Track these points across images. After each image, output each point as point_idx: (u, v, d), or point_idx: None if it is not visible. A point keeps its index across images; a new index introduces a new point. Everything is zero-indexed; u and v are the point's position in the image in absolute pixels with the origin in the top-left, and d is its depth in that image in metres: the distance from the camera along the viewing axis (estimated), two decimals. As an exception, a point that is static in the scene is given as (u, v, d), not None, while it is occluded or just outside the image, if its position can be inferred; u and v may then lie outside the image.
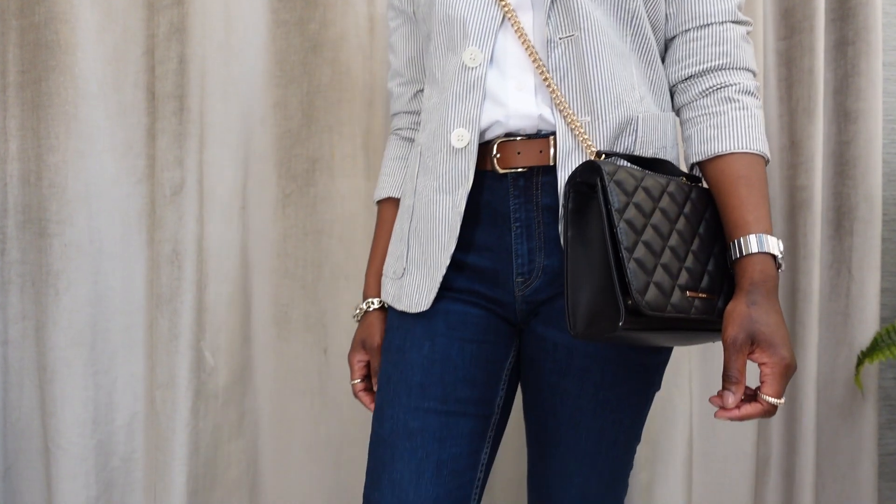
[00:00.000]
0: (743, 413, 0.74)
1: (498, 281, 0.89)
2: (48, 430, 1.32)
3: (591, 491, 0.94)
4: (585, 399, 0.89)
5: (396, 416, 0.88)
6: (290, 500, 1.43)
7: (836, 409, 1.59)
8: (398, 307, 0.92)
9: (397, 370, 0.90)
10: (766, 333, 0.74)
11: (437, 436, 0.87)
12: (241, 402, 1.40)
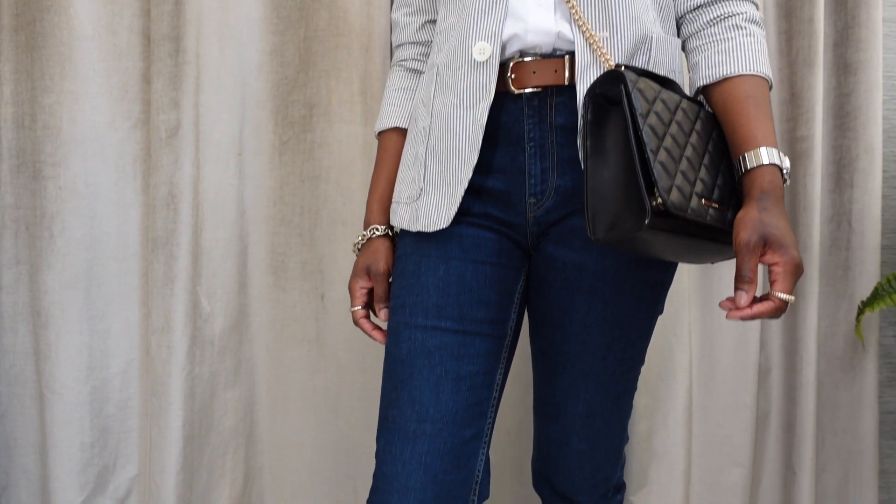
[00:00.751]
0: (755, 311, 0.76)
1: (510, 202, 0.89)
2: (42, 374, 1.30)
3: (597, 409, 0.94)
4: (594, 315, 0.90)
5: (413, 336, 0.88)
6: (287, 450, 1.42)
7: (837, 362, 1.59)
8: (414, 228, 0.91)
9: (412, 293, 0.90)
10: (777, 235, 0.76)
11: (455, 354, 0.87)
12: (238, 351, 1.39)
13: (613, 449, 1.00)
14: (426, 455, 0.86)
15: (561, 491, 1.01)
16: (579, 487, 0.99)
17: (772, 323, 1.56)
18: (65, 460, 1.30)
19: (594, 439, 0.96)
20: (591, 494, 1.00)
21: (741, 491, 1.51)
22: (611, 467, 1.00)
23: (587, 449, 0.97)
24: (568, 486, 1.00)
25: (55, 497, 1.30)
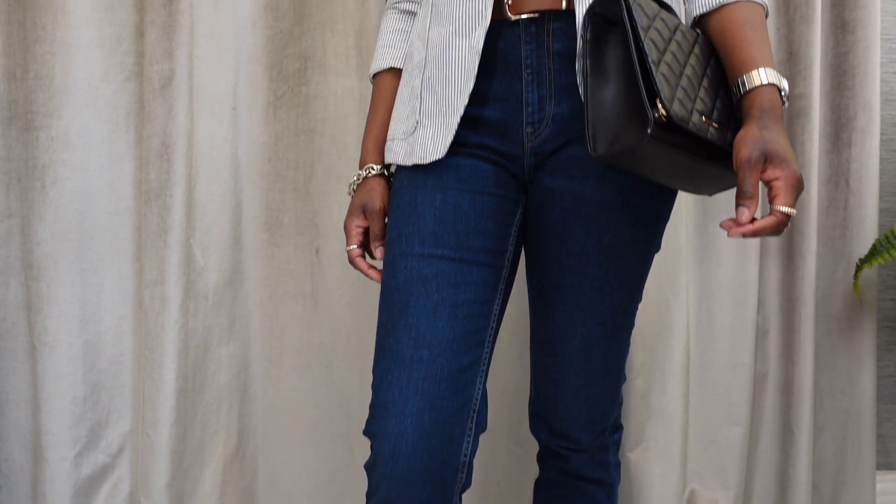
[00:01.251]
0: (756, 227, 0.75)
1: (507, 133, 0.89)
2: (34, 327, 1.29)
3: (594, 344, 0.93)
4: (591, 245, 0.89)
5: (410, 265, 0.87)
6: (282, 407, 1.41)
7: (835, 323, 1.58)
8: (410, 161, 0.90)
9: (409, 223, 0.89)
10: (778, 151, 0.76)
11: (452, 281, 0.86)
12: (232, 307, 1.37)
13: (611, 386, 0.98)
14: (423, 381, 0.84)
15: (558, 430, 1.00)
16: (577, 425, 0.98)
17: (769, 282, 1.55)
18: (57, 414, 1.29)
19: (591, 375, 0.95)
20: (588, 432, 0.99)
21: (739, 450, 1.50)
22: (608, 405, 0.99)
23: (584, 385, 0.96)
24: (565, 425, 0.99)
25: (47, 451, 1.29)
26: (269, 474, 1.42)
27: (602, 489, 1.03)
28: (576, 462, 1.01)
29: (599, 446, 1.01)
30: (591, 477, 1.02)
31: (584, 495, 1.03)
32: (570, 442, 1.00)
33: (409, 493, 0.84)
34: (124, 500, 1.35)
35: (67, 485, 1.30)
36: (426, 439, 0.84)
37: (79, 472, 1.31)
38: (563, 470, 1.02)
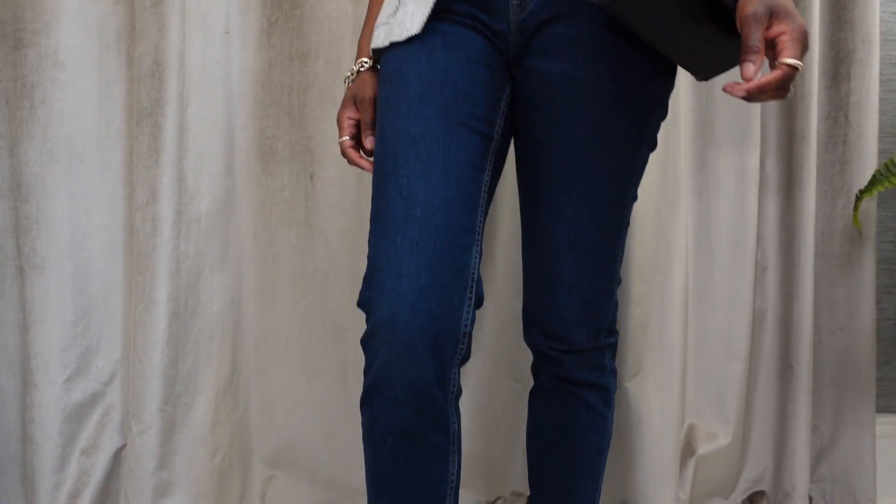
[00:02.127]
0: (762, 82, 0.73)
1: (493, 5, 0.87)
2: (22, 249, 1.27)
3: (586, 238, 0.92)
4: (581, 130, 0.88)
5: (397, 126, 0.85)
6: (275, 336, 1.39)
7: (835, 259, 1.56)
8: (391, 39, 0.88)
9: (395, 89, 0.87)
10: (783, 6, 0.75)
11: (442, 142, 0.84)
12: (225, 235, 1.35)
13: (605, 285, 0.96)
14: (418, 240, 0.81)
15: (552, 331, 0.97)
16: (570, 324, 0.96)
17: (768, 219, 1.54)
18: (46, 338, 1.27)
19: (584, 273, 0.94)
20: (582, 332, 0.96)
21: (738, 384, 1.49)
22: (602, 304, 0.97)
23: (577, 283, 0.94)
24: (559, 324, 0.96)
25: (36, 376, 1.27)
26: (263, 405, 1.40)
27: (597, 393, 1.01)
28: (570, 365, 0.98)
29: (594, 348, 0.99)
30: (585, 380, 1.00)
31: (579, 400, 1.01)
32: (563, 343, 0.97)
33: (409, 358, 0.81)
34: (115, 428, 1.33)
35: (57, 410, 1.27)
36: (425, 301, 0.81)
37: (69, 398, 1.28)
38: (557, 375, 1.00)
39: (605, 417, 1.02)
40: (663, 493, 1.37)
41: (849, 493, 1.56)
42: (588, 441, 1.01)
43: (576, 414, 1.01)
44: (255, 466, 1.40)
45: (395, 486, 0.90)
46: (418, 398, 0.84)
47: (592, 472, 1.03)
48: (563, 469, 1.02)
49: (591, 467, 1.02)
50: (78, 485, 1.30)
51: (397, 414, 0.85)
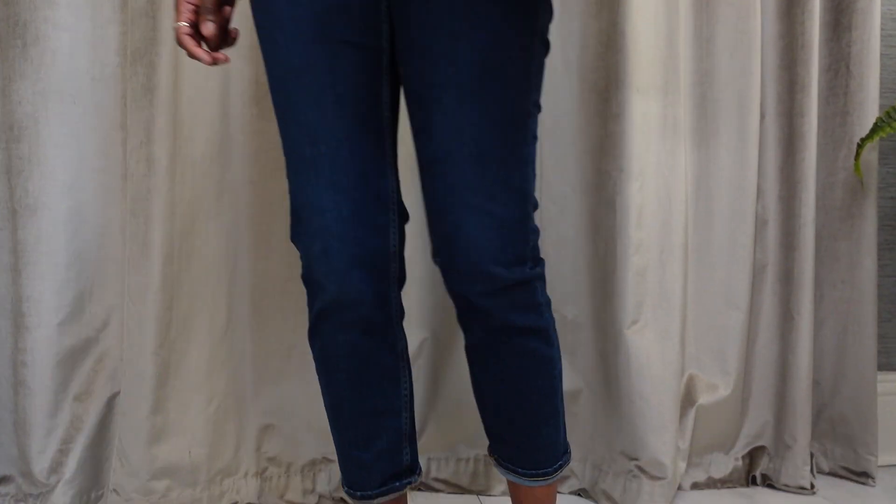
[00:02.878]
0: None
1: None
2: (14, 190, 1.25)
3: (486, 149, 0.84)
4: (463, 24, 0.81)
5: (278, 60, 0.85)
6: (272, 283, 1.37)
7: (836, 212, 1.55)
8: None
9: (265, 13, 0.86)
10: None
11: (326, 68, 0.83)
12: (221, 180, 1.34)
13: (516, 203, 0.86)
14: (330, 174, 0.84)
15: (468, 268, 0.86)
16: (485, 255, 0.85)
17: (768, 171, 1.52)
18: (38, 280, 1.25)
19: (489, 189, 0.84)
20: (500, 262, 0.86)
21: (739, 335, 1.48)
22: (517, 226, 0.86)
23: (483, 201, 0.84)
24: (473, 256, 0.85)
25: (28, 319, 1.25)
26: (258, 355, 1.38)
27: (537, 338, 0.92)
28: (500, 312, 0.88)
29: (520, 283, 0.88)
30: (520, 325, 0.90)
31: (521, 351, 0.91)
32: (485, 282, 0.86)
33: (348, 285, 0.86)
34: (109, 375, 1.31)
35: (50, 354, 1.26)
36: (351, 230, 0.85)
37: (62, 342, 1.27)
38: (489, 326, 0.90)
39: (552, 358, 0.94)
40: (662, 440, 1.35)
41: (849, 448, 1.55)
42: (539, 388, 0.94)
43: (520, 366, 0.92)
44: (250, 417, 1.38)
45: (352, 408, 0.94)
46: (362, 321, 0.90)
47: (550, 414, 0.96)
48: (519, 421, 0.96)
49: (548, 411, 0.96)
50: (71, 430, 1.28)
51: (345, 337, 0.90)
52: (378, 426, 0.94)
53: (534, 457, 0.97)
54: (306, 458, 1.40)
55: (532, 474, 0.98)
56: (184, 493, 1.30)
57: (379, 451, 0.95)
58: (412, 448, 0.99)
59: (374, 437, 0.94)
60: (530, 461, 0.98)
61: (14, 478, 1.27)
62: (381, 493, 0.95)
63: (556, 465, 0.99)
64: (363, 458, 0.94)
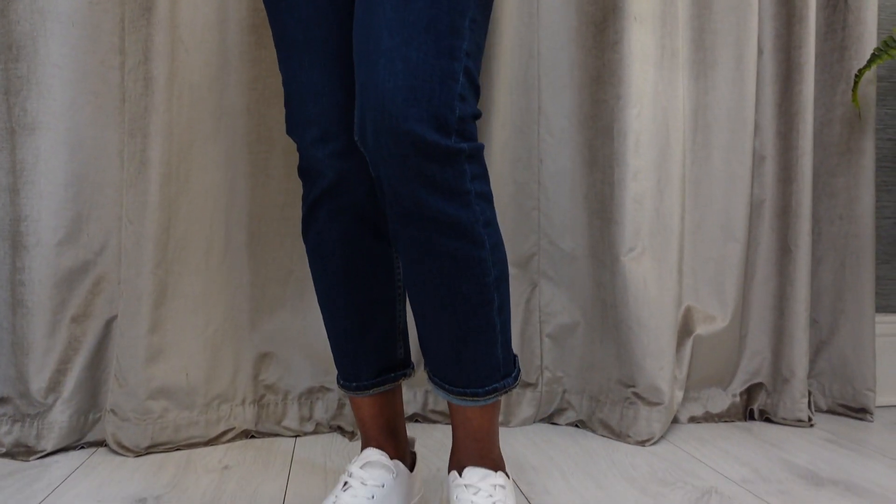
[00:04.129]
0: None
1: None
2: (13, 110, 1.26)
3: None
4: None
5: None
6: (271, 209, 1.38)
7: (834, 148, 1.55)
8: None
9: None
10: None
11: None
12: (219, 106, 1.34)
13: (440, 52, 0.76)
14: (324, 58, 0.86)
15: (377, 115, 0.75)
16: (396, 100, 0.74)
17: (766, 107, 1.52)
18: (37, 200, 1.26)
19: (409, 31, 0.75)
20: (408, 115, 0.74)
21: (737, 267, 1.48)
22: (436, 81, 0.75)
23: (400, 44, 0.75)
24: (387, 105, 0.74)
25: (26, 238, 1.25)
26: (256, 281, 1.38)
27: (459, 236, 0.79)
28: (409, 189, 0.77)
29: (436, 153, 0.75)
30: (435, 212, 0.77)
31: (434, 249, 0.79)
32: (399, 136, 0.74)
33: (346, 169, 0.87)
34: (107, 298, 1.32)
35: (48, 274, 1.26)
36: (348, 116, 0.85)
37: (60, 263, 1.27)
38: (401, 211, 0.79)
39: (481, 261, 0.81)
40: (660, 365, 1.35)
41: (847, 384, 1.55)
42: (464, 295, 0.81)
43: (440, 268, 0.80)
44: (247, 345, 1.38)
45: (346, 297, 0.94)
46: (356, 207, 0.90)
47: (481, 327, 0.84)
48: (443, 331, 0.84)
49: (477, 323, 0.83)
50: (69, 351, 1.28)
51: (339, 225, 0.91)
52: (372, 316, 0.94)
53: (461, 372, 0.85)
54: (304, 387, 1.40)
55: (460, 392, 0.86)
56: (181, 416, 1.30)
57: (374, 342, 0.95)
58: (405, 343, 0.99)
59: (369, 327, 0.94)
60: (457, 376, 0.86)
61: (12, 398, 1.27)
62: (375, 383, 0.96)
63: (490, 387, 0.86)
64: (358, 349, 0.95)
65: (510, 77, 1.43)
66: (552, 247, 1.47)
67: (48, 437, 1.26)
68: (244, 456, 1.27)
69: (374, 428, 0.97)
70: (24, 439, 1.26)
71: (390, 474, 0.91)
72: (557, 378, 1.48)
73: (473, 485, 0.85)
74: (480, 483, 0.85)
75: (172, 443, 1.29)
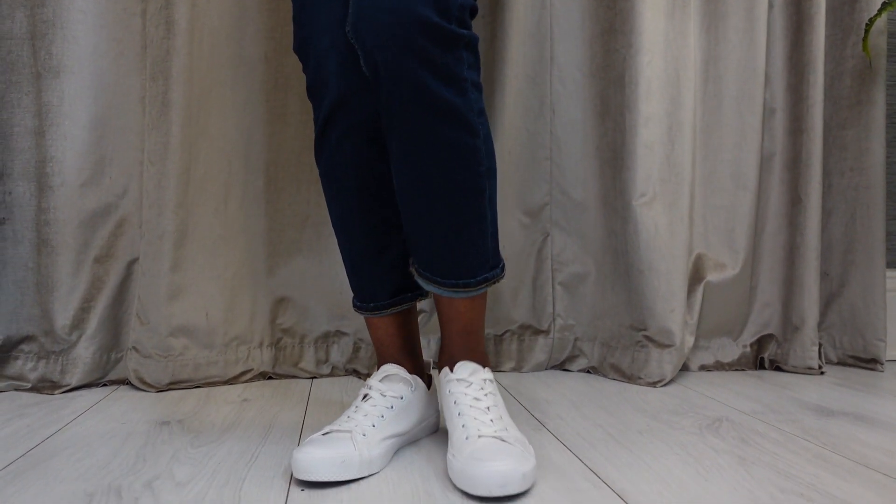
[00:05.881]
0: None
1: None
2: (39, 53, 1.29)
3: None
4: None
5: None
6: (287, 155, 1.41)
7: (844, 101, 1.56)
8: None
9: None
10: None
11: None
12: (238, 54, 1.37)
13: None
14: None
15: (369, 4, 0.79)
16: None
17: (777, 60, 1.54)
18: (61, 141, 1.29)
19: None
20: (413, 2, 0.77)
21: (748, 215, 1.49)
22: None
23: None
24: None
25: (52, 179, 1.29)
26: (273, 228, 1.41)
27: (455, 122, 0.81)
28: (409, 69, 0.78)
29: (436, 35, 0.78)
30: (434, 94, 0.79)
31: (432, 137, 0.81)
32: (402, 23, 0.77)
33: (358, 79, 0.86)
34: (129, 240, 1.35)
35: (72, 213, 1.29)
36: None
37: (84, 204, 1.30)
38: (399, 92, 0.80)
39: (475, 149, 0.84)
40: (670, 307, 1.37)
41: (858, 336, 1.56)
42: (459, 183, 0.84)
43: (437, 154, 0.83)
44: (265, 290, 1.41)
45: (362, 219, 0.94)
46: (367, 125, 0.90)
47: (473, 217, 0.86)
48: (436, 220, 0.86)
49: (470, 212, 0.86)
50: (92, 290, 1.32)
51: (351, 146, 0.91)
52: (388, 236, 0.95)
53: (453, 263, 0.88)
54: (320, 331, 1.43)
55: (452, 284, 0.89)
56: (200, 354, 1.33)
57: (389, 263, 0.96)
58: None
59: (386, 248, 0.95)
60: (449, 268, 0.88)
61: (36, 336, 1.31)
62: (392, 303, 0.97)
63: (481, 277, 0.89)
64: (374, 271, 0.96)
65: (523, 27, 1.45)
66: (564, 196, 1.49)
67: (72, 371, 1.29)
68: (262, 392, 1.30)
69: (392, 346, 0.99)
70: (50, 375, 1.29)
71: (409, 387, 0.94)
72: (569, 326, 1.50)
73: (465, 379, 0.89)
74: (471, 377, 0.89)
75: (192, 380, 1.32)
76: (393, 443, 0.89)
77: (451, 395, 0.88)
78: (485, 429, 0.82)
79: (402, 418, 0.92)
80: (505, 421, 0.86)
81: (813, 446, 0.97)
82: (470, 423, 0.84)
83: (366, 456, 0.82)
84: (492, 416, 0.85)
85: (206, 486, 0.79)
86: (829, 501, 0.76)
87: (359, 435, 0.84)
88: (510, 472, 0.74)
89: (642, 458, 0.91)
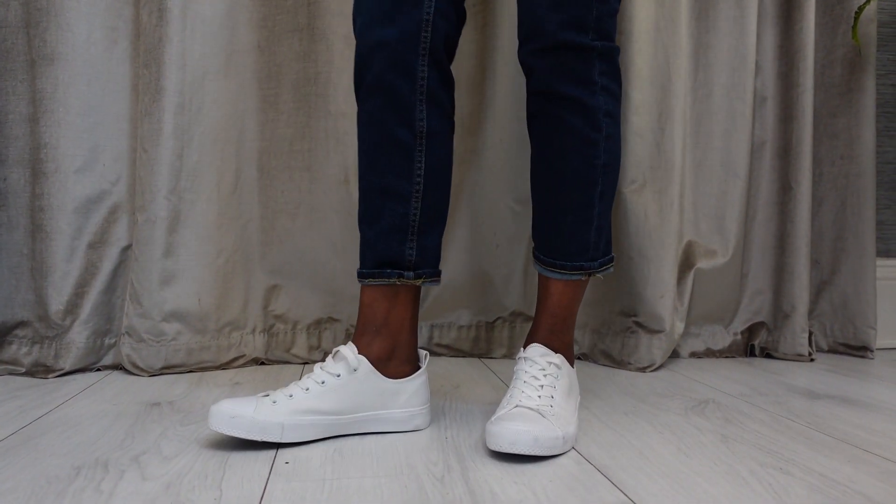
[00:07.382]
0: None
1: None
2: (33, 41, 1.30)
3: None
4: None
5: None
6: (279, 143, 1.42)
7: (835, 89, 1.57)
8: None
9: None
10: None
11: None
12: (230, 41, 1.38)
13: None
14: None
15: (527, 24, 0.93)
16: (541, 9, 0.91)
17: (767, 48, 1.54)
18: (55, 128, 1.30)
19: None
20: (554, 19, 0.90)
21: (739, 202, 1.50)
22: (582, 4, 0.91)
23: None
24: (531, 11, 0.92)
25: (46, 165, 1.30)
26: (266, 214, 1.42)
27: (582, 115, 0.93)
28: (545, 73, 0.92)
29: (571, 47, 0.91)
30: (568, 95, 0.92)
31: (560, 124, 0.93)
32: (539, 37, 0.91)
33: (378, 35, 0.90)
34: (123, 227, 1.36)
35: (66, 199, 1.31)
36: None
37: (77, 190, 1.31)
38: (538, 90, 0.94)
39: (595, 143, 0.94)
40: (660, 293, 1.38)
41: (849, 323, 1.57)
42: (574, 170, 0.94)
43: (561, 141, 0.94)
44: (257, 276, 1.42)
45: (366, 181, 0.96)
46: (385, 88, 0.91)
47: (581, 204, 0.95)
48: (546, 201, 0.96)
49: (578, 199, 0.95)
50: (86, 276, 1.33)
51: (368, 106, 0.93)
52: (383, 205, 0.94)
53: (558, 246, 0.96)
54: (312, 317, 1.44)
55: (550, 263, 0.97)
56: (193, 339, 1.34)
57: (379, 232, 0.94)
58: (419, 245, 0.95)
59: (379, 216, 0.94)
60: (554, 250, 0.97)
61: (31, 322, 1.32)
62: (369, 274, 0.94)
63: (577, 264, 0.96)
64: (367, 235, 0.95)
65: (514, 14, 1.46)
66: (555, 184, 1.50)
67: (66, 356, 1.30)
68: (254, 376, 1.31)
69: (361, 319, 0.95)
70: (43, 359, 1.30)
71: (347, 368, 0.90)
72: (561, 313, 1.51)
73: (531, 358, 0.94)
74: (539, 359, 0.94)
75: (185, 365, 1.33)
76: (315, 420, 0.87)
77: (516, 372, 0.94)
78: (527, 401, 0.87)
79: (329, 397, 0.88)
80: (556, 400, 0.89)
81: (797, 425, 0.97)
82: (517, 394, 0.89)
83: (259, 419, 0.84)
84: (541, 393, 0.89)
85: (193, 460, 0.80)
86: (807, 474, 0.77)
87: (269, 401, 0.86)
88: (522, 432, 0.79)
89: (625, 436, 0.92)
